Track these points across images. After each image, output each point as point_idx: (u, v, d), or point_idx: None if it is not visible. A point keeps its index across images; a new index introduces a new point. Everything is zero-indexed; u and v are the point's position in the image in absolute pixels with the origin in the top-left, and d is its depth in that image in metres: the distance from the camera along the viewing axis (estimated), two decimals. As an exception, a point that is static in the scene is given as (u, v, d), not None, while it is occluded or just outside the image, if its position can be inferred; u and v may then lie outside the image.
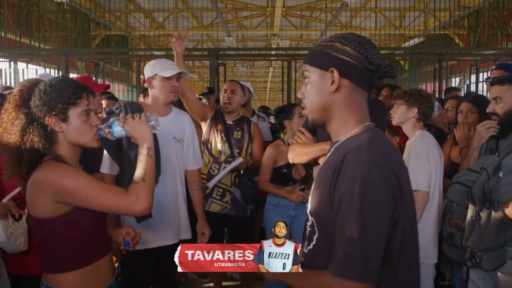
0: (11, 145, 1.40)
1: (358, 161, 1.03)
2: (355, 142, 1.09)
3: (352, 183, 1.01)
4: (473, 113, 2.52)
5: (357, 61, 1.11)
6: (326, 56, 1.14)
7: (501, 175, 1.99)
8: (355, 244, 1.01)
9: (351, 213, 1.01)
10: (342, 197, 1.03)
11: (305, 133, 2.11)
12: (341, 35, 1.16)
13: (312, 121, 1.20)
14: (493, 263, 1.95)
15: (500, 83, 2.06)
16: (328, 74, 1.13)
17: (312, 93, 1.17)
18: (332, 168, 1.08)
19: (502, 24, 8.69)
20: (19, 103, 1.42)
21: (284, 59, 6.22)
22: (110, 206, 1.37)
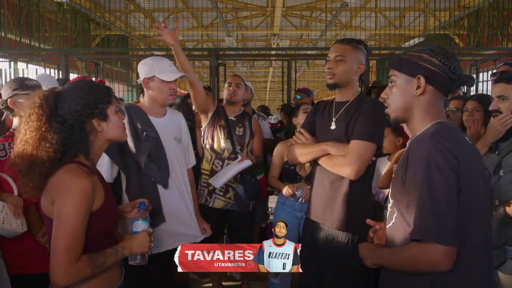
0: (49, 160, 1.36)
1: (420, 147, 1.25)
2: (422, 136, 1.30)
3: (417, 164, 1.22)
4: (478, 111, 2.51)
5: (441, 71, 1.32)
6: (414, 65, 1.35)
7: (502, 173, 1.99)
8: (427, 213, 1.18)
9: (419, 189, 1.20)
10: (411, 177, 1.24)
11: (304, 134, 2.11)
12: (428, 47, 1.36)
13: (394, 118, 1.42)
14: (493, 262, 1.95)
15: (506, 81, 2.04)
16: (415, 80, 1.34)
17: (397, 95, 1.39)
18: (405, 157, 1.29)
19: (502, 24, 8.69)
20: (48, 114, 1.38)
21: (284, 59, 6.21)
22: (55, 253, 1.29)
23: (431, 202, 1.18)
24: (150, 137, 2.21)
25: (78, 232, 1.31)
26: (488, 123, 2.46)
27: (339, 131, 1.98)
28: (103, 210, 1.41)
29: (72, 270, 1.29)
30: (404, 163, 1.28)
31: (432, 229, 1.17)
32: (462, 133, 1.36)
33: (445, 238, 1.17)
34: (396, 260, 1.31)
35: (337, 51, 1.99)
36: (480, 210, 1.26)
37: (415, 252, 1.22)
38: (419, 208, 1.20)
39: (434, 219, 1.18)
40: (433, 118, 1.35)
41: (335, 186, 1.98)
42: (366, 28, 11.56)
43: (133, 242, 1.48)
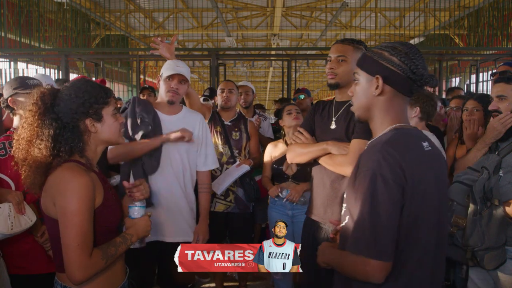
0: (41, 156, 1.37)
1: (370, 157, 1.22)
2: (377, 142, 1.27)
3: (365, 175, 1.20)
4: (478, 111, 2.52)
5: (401, 71, 1.26)
6: (375, 63, 1.30)
7: (502, 174, 1.99)
8: (365, 226, 1.18)
9: (362, 200, 1.19)
10: (357, 187, 1.22)
11: (303, 133, 2.11)
12: (391, 45, 1.31)
13: (357, 117, 1.39)
14: (494, 262, 1.95)
15: (506, 81, 2.04)
16: (374, 79, 1.29)
17: (359, 94, 1.35)
18: (356, 163, 1.28)
19: (502, 24, 8.69)
20: (42, 111, 1.40)
21: (284, 59, 6.22)
22: (68, 252, 1.31)
23: (371, 216, 1.17)
24: (145, 122, 2.27)
25: (86, 228, 1.33)
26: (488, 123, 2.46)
27: (340, 130, 1.99)
28: (103, 208, 1.42)
29: (88, 264, 1.33)
30: (356, 169, 1.26)
31: (368, 244, 1.17)
32: (420, 139, 1.31)
33: (379, 253, 1.16)
34: (341, 264, 1.31)
35: (338, 51, 1.99)
36: (427, 224, 1.23)
37: (352, 261, 1.22)
38: (358, 220, 1.20)
39: (371, 233, 1.17)
40: (392, 121, 1.31)
41: (335, 185, 1.98)
42: (366, 28, 11.56)
43: (138, 227, 1.53)
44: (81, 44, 10.00)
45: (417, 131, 1.35)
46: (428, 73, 1.27)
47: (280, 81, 9.36)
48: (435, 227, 1.25)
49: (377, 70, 1.29)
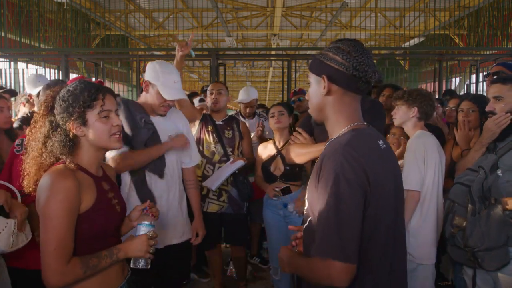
0: (34, 152, 1.43)
1: (333, 159, 1.21)
2: (336, 143, 1.27)
3: (328, 178, 1.19)
4: (474, 112, 2.51)
5: (344, 69, 1.27)
6: (320, 64, 1.33)
7: (500, 173, 1.99)
8: (330, 228, 1.17)
9: (326, 203, 1.18)
10: (321, 188, 1.21)
11: (302, 134, 2.11)
12: (335, 45, 1.32)
13: (314, 120, 1.41)
14: (495, 263, 1.94)
15: (502, 81, 2.04)
16: (321, 79, 1.31)
17: (311, 96, 1.37)
18: (318, 166, 1.27)
19: (502, 24, 8.69)
20: (45, 112, 1.46)
21: (284, 59, 6.21)
22: (44, 255, 1.29)
23: (336, 218, 1.16)
24: (148, 124, 2.23)
25: (65, 232, 1.30)
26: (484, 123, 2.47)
27: None
28: (92, 212, 1.38)
29: (64, 271, 1.28)
30: (317, 172, 1.25)
31: (333, 246, 1.16)
32: (376, 138, 1.32)
33: (345, 255, 1.15)
34: (303, 269, 1.29)
35: None
36: (386, 223, 1.25)
37: (315, 266, 1.20)
38: (323, 222, 1.18)
39: (336, 236, 1.16)
40: (347, 120, 1.32)
41: None
42: (366, 28, 11.55)
43: (130, 245, 1.46)
44: (81, 44, 9.99)
45: (372, 130, 1.35)
46: (372, 69, 1.27)
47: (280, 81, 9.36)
48: (393, 225, 1.28)
49: (322, 70, 1.31)
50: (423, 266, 2.30)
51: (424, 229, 2.31)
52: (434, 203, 2.33)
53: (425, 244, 2.31)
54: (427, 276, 2.32)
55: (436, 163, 2.30)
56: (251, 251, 4.17)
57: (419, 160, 2.26)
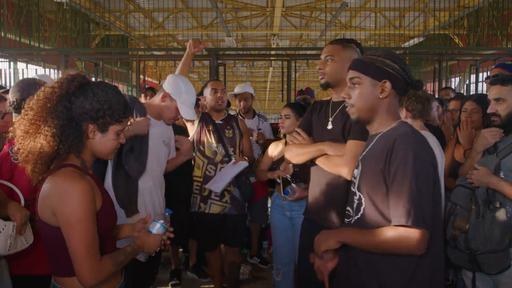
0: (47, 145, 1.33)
1: (408, 141, 1.36)
2: (399, 130, 1.42)
3: (406, 157, 1.32)
4: (477, 112, 2.51)
5: (401, 76, 1.46)
6: (379, 69, 1.46)
7: (502, 175, 1.99)
8: (414, 199, 1.29)
9: (408, 179, 1.30)
10: (398, 168, 1.33)
11: (301, 134, 2.11)
12: (386, 53, 1.49)
13: (357, 118, 1.51)
14: (496, 267, 1.93)
15: (502, 83, 2.03)
16: (380, 83, 1.45)
17: (361, 97, 1.48)
18: (385, 151, 1.38)
19: (502, 24, 8.69)
20: (63, 92, 1.36)
21: (284, 59, 6.20)
22: (79, 258, 1.30)
23: (419, 192, 1.30)
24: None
25: (93, 233, 1.33)
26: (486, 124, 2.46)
27: (336, 130, 1.99)
28: (102, 212, 1.40)
29: (99, 268, 1.33)
30: (387, 156, 1.37)
31: (417, 216, 1.29)
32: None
33: (426, 224, 1.29)
34: (370, 241, 1.38)
35: (326, 51, 2.04)
36: (440, 206, 1.45)
37: (395, 235, 1.32)
38: (407, 197, 1.30)
39: (419, 206, 1.29)
40: (394, 118, 1.49)
41: (331, 186, 1.99)
42: (366, 28, 11.56)
43: (147, 243, 1.54)
44: (81, 44, 9.99)
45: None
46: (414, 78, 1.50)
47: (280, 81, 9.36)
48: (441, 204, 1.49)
49: (384, 75, 1.45)
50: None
51: None
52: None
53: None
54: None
55: (439, 163, 2.30)
56: (251, 251, 4.17)
57: None
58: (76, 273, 1.32)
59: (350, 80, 1.51)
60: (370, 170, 1.43)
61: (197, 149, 2.98)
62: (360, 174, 1.49)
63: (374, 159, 1.42)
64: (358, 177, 1.50)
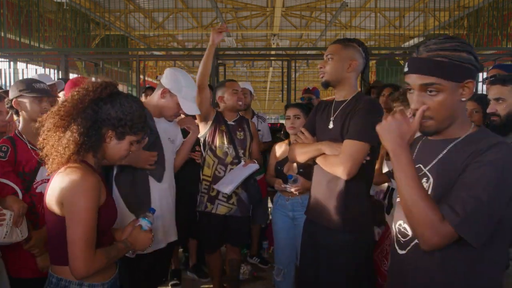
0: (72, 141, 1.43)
1: (500, 149, 1.14)
2: (491, 137, 1.20)
3: (495, 162, 1.12)
4: (478, 112, 2.51)
5: (476, 70, 1.20)
6: (459, 68, 1.18)
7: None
8: (483, 207, 1.10)
9: (486, 182, 1.11)
10: (480, 168, 1.12)
11: (305, 133, 2.11)
12: (460, 43, 1.20)
13: (436, 129, 1.24)
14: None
15: (502, 82, 2.03)
16: (461, 84, 1.19)
17: (443, 107, 1.20)
18: (466, 155, 1.17)
19: (502, 24, 8.69)
20: (95, 97, 1.48)
21: (284, 59, 6.21)
22: (76, 247, 1.36)
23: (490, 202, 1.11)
24: (153, 131, 2.26)
25: (92, 225, 1.39)
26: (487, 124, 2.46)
27: (336, 130, 2.00)
28: (104, 208, 1.48)
29: (93, 260, 1.38)
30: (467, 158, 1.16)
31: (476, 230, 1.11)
32: None
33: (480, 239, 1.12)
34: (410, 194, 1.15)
35: (327, 51, 2.05)
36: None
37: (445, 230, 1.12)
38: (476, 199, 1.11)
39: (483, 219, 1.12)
40: (467, 119, 1.27)
41: (331, 185, 1.99)
42: (366, 28, 11.56)
43: (138, 240, 1.60)
44: (81, 44, 9.98)
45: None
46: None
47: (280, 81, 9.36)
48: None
49: (465, 74, 1.18)
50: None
51: None
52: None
53: None
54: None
55: None
56: (251, 251, 4.17)
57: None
58: (69, 262, 1.38)
59: (426, 86, 1.19)
60: (447, 180, 1.19)
61: (209, 148, 2.95)
62: (431, 186, 1.25)
63: (452, 165, 1.20)
64: (428, 190, 1.25)
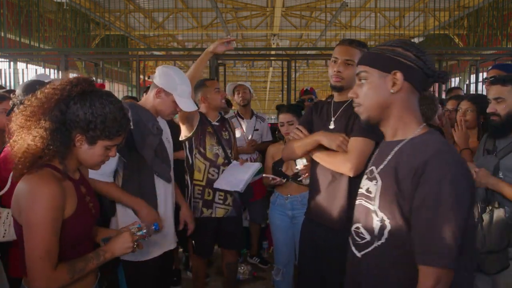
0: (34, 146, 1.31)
1: (445, 163, 1.12)
2: (431, 144, 1.18)
3: (440, 182, 1.09)
4: (472, 111, 2.53)
5: (418, 66, 1.22)
6: (389, 59, 1.24)
7: (501, 175, 1.99)
8: (448, 235, 1.08)
9: (441, 208, 1.09)
10: (429, 194, 1.11)
11: (302, 130, 2.10)
12: (400, 41, 1.27)
13: (367, 119, 1.29)
14: (495, 266, 1.93)
15: (502, 82, 2.03)
16: (390, 76, 1.23)
17: (370, 93, 1.26)
18: (411, 169, 1.15)
19: (502, 24, 8.69)
20: (63, 96, 1.33)
21: (284, 59, 6.20)
22: (31, 263, 1.25)
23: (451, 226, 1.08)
24: (160, 130, 2.23)
25: (50, 239, 1.26)
26: (482, 124, 2.47)
27: (339, 130, 1.99)
28: (74, 218, 1.35)
29: (51, 277, 1.26)
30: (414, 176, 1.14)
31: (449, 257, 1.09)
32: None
33: (453, 261, 1.09)
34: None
35: (347, 54, 1.96)
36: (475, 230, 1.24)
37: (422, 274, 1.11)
38: (437, 230, 1.08)
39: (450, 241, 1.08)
40: (417, 119, 1.26)
41: (333, 185, 1.98)
42: (366, 28, 11.56)
43: (115, 245, 1.46)
44: (81, 44, 9.98)
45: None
46: (438, 70, 1.25)
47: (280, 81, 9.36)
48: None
49: (394, 65, 1.23)
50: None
51: None
52: None
53: None
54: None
55: None
56: (251, 251, 4.17)
57: None
58: (28, 277, 1.27)
59: (357, 76, 1.30)
60: (390, 188, 1.20)
61: (197, 151, 2.84)
62: (380, 190, 1.25)
63: (396, 175, 1.19)
64: (376, 193, 1.26)
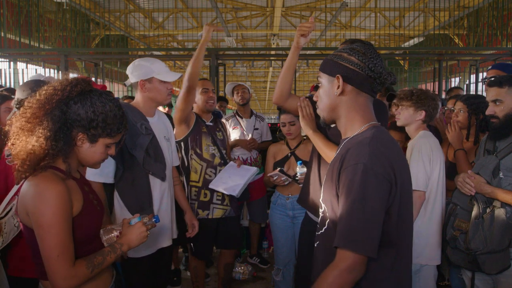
0: (39, 148, 1.32)
1: (360, 152, 1.21)
2: (360, 137, 1.27)
3: (355, 169, 1.18)
4: (463, 112, 2.54)
5: (360, 69, 1.30)
6: (334, 64, 1.34)
7: (502, 176, 1.99)
8: (357, 219, 1.16)
9: (353, 194, 1.17)
10: (346, 180, 1.20)
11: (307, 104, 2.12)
12: (349, 46, 1.35)
13: (323, 119, 1.41)
14: (496, 267, 1.93)
15: (499, 85, 2.04)
16: (335, 80, 1.32)
17: (323, 96, 1.38)
18: (339, 159, 1.26)
19: (502, 24, 8.69)
20: (64, 96, 1.34)
21: (284, 59, 6.20)
22: (50, 263, 1.27)
23: (363, 211, 1.16)
24: (149, 130, 2.24)
25: (65, 237, 1.29)
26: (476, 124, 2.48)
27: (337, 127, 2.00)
28: (81, 216, 1.37)
29: (72, 274, 1.29)
30: (339, 165, 1.24)
31: (360, 241, 1.16)
32: (394, 139, 1.35)
33: (368, 249, 1.16)
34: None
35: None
36: (409, 221, 1.29)
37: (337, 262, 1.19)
38: (349, 215, 1.17)
39: (360, 228, 1.16)
40: (362, 120, 1.33)
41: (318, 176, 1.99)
42: (366, 28, 11.56)
43: (131, 235, 1.48)
44: (81, 44, 9.97)
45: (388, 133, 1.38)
46: (387, 71, 1.31)
47: (279, 81, 9.34)
48: (411, 224, 1.33)
49: (337, 70, 1.32)
50: (427, 267, 2.28)
51: (429, 229, 2.28)
52: (439, 203, 2.30)
53: (431, 245, 2.28)
54: (430, 277, 2.31)
55: (441, 162, 2.30)
56: (251, 251, 4.17)
57: (426, 160, 2.24)
58: (48, 278, 1.29)
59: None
60: (329, 180, 1.30)
61: (193, 152, 2.83)
62: (324, 184, 1.36)
63: (332, 167, 1.30)
64: (323, 187, 1.37)
